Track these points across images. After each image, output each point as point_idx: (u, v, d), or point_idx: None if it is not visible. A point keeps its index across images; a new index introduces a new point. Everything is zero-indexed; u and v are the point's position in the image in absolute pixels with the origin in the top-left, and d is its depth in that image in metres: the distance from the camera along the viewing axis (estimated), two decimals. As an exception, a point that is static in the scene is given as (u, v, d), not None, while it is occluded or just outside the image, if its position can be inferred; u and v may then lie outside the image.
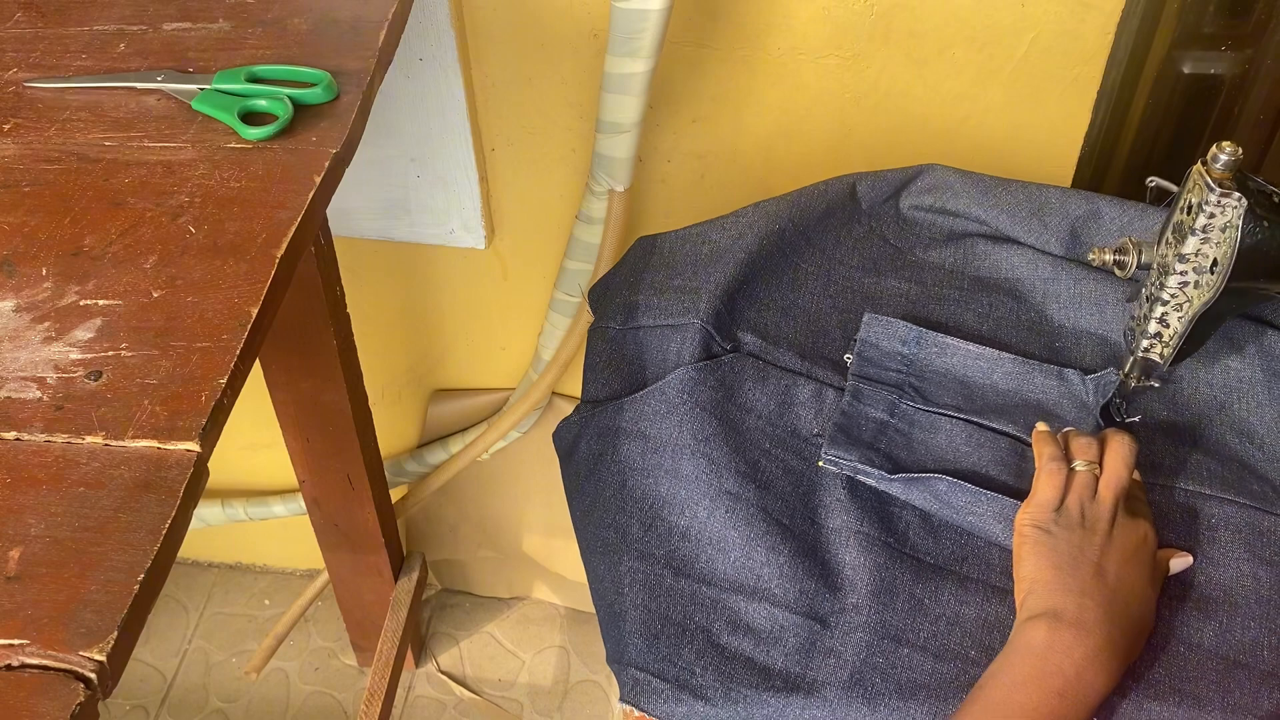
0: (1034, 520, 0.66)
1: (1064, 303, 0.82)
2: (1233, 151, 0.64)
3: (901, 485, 0.72)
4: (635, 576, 0.72)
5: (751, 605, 0.70)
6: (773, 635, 0.69)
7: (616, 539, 0.73)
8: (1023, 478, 0.72)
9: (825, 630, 0.68)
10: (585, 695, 1.50)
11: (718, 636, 0.69)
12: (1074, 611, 0.62)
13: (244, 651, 1.56)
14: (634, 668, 0.68)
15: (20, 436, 0.56)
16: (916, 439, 0.75)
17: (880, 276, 0.85)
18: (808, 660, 0.68)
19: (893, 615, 0.68)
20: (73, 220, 0.66)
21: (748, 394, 0.77)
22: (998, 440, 0.74)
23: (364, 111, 0.73)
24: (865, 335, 0.79)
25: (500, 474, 1.41)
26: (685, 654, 0.68)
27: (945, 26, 0.92)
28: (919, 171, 0.89)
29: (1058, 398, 0.76)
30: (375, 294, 1.24)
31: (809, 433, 0.77)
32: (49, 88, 0.76)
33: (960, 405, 0.76)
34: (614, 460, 0.77)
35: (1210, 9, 0.87)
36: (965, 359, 0.78)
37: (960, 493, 0.71)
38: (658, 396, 0.76)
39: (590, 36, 0.97)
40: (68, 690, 0.46)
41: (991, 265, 0.84)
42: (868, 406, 0.76)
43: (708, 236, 0.86)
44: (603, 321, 0.85)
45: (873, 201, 0.89)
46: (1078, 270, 0.82)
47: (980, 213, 0.86)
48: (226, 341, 0.59)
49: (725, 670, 0.68)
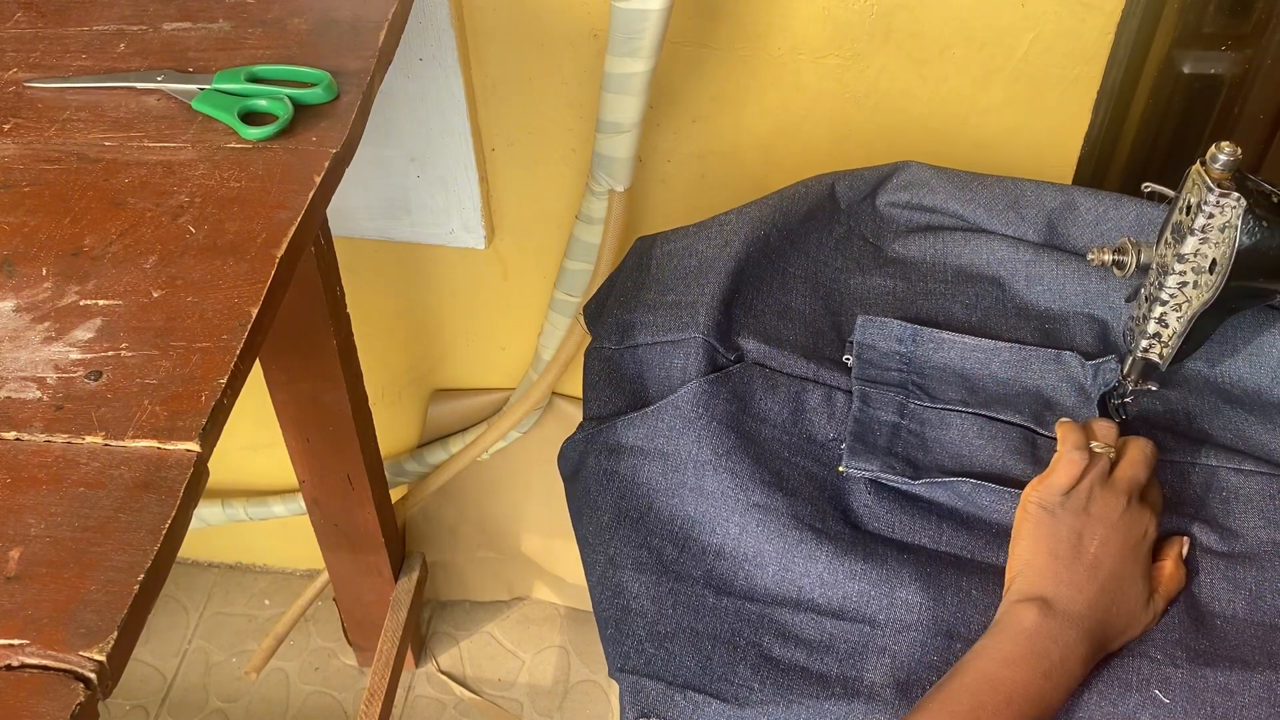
0: (1040, 499, 0.67)
1: (1048, 285, 0.82)
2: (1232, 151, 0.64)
3: (925, 488, 0.73)
4: (678, 599, 0.71)
5: (797, 616, 0.69)
6: (823, 643, 0.68)
7: (651, 561, 0.73)
8: (1039, 466, 0.72)
9: (876, 630, 0.68)
10: (585, 695, 1.50)
11: (769, 650, 0.68)
12: (1063, 604, 0.63)
13: (244, 651, 1.56)
14: (691, 690, 0.67)
15: (20, 436, 0.56)
16: (930, 438, 0.75)
17: (865, 276, 0.85)
18: (862, 662, 0.67)
19: (944, 610, 0.68)
20: (73, 220, 0.66)
21: (760, 404, 0.77)
22: (1009, 431, 0.75)
23: (364, 111, 0.73)
24: (861, 337, 0.79)
25: (500, 474, 1.41)
26: (741, 671, 0.68)
27: (945, 26, 0.92)
28: (895, 169, 0.89)
29: (1056, 382, 0.77)
30: (375, 294, 1.24)
31: (824, 438, 0.77)
32: (49, 88, 0.76)
33: (965, 399, 0.77)
34: (634, 481, 0.76)
35: (1210, 9, 0.87)
36: (962, 352, 0.79)
37: (985, 493, 0.71)
38: (671, 412, 0.76)
39: (590, 36, 0.97)
40: (68, 690, 0.46)
41: (972, 255, 0.85)
42: (877, 410, 0.76)
43: (694, 248, 0.85)
44: (599, 342, 0.85)
45: (851, 201, 0.89)
46: (1058, 254, 0.83)
47: (957, 207, 0.86)
48: (226, 341, 0.59)
49: (783, 683, 0.67)
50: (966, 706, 0.60)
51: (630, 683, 0.69)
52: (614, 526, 0.75)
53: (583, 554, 0.77)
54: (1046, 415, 0.75)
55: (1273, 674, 0.64)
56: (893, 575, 0.69)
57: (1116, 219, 0.83)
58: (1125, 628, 0.65)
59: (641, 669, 0.69)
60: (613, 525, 0.75)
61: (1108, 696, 0.64)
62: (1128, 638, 0.66)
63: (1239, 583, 0.68)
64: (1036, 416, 0.75)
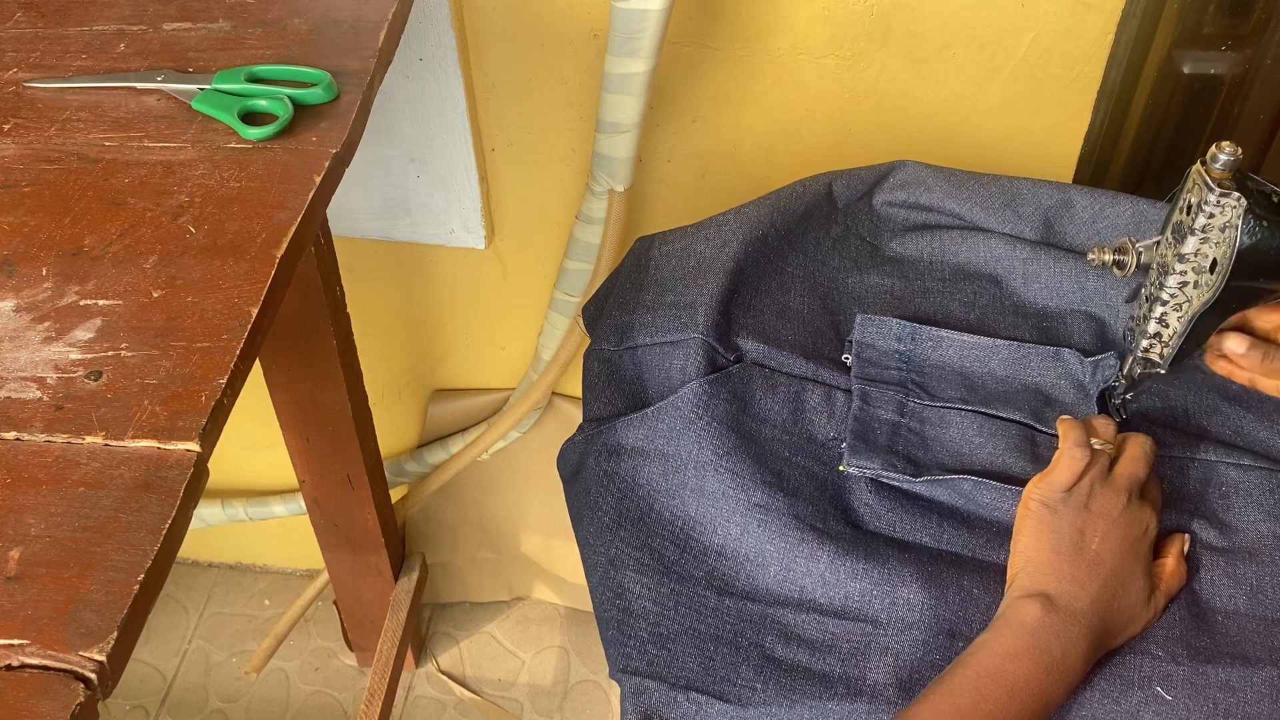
0: (1042, 496, 0.67)
1: (1045, 283, 0.82)
2: (1232, 151, 0.64)
3: (926, 486, 0.73)
4: (680, 600, 0.71)
5: (800, 616, 0.69)
6: (825, 643, 0.68)
7: (653, 562, 0.73)
8: (1039, 463, 0.72)
9: (878, 630, 0.68)
10: (585, 695, 1.50)
11: (772, 650, 0.69)
12: (1066, 600, 0.64)
13: (244, 651, 1.56)
14: (694, 690, 0.68)
15: (20, 436, 0.56)
16: (930, 436, 0.75)
17: (863, 274, 0.85)
18: (865, 662, 0.67)
19: (945, 609, 0.68)
20: (73, 220, 0.66)
21: (760, 404, 0.77)
22: (1008, 428, 0.75)
23: (364, 111, 0.73)
24: (860, 336, 0.79)
25: (500, 474, 1.41)
26: (743, 672, 0.68)
27: (945, 26, 0.92)
28: (891, 168, 0.89)
29: (1055, 379, 0.77)
30: (375, 294, 1.24)
31: (825, 437, 0.77)
32: (49, 88, 0.76)
33: (965, 397, 0.77)
34: (635, 482, 0.76)
35: (1210, 9, 0.87)
36: (961, 350, 0.79)
37: (986, 490, 0.72)
38: (671, 413, 0.76)
39: (590, 36, 0.97)
40: (68, 690, 0.46)
41: (969, 253, 0.85)
42: (877, 409, 0.76)
43: (692, 249, 0.86)
44: (598, 343, 0.85)
45: (848, 200, 0.89)
46: (1055, 251, 0.83)
47: (953, 205, 0.86)
48: (226, 341, 0.59)
49: (785, 683, 0.67)
50: (969, 700, 0.61)
51: (633, 684, 0.69)
52: (615, 527, 0.75)
53: (583, 555, 0.77)
54: (1046, 412, 0.75)
55: (1274, 669, 0.64)
56: (894, 575, 0.69)
57: (1113, 216, 0.83)
58: (1126, 624, 0.65)
59: (644, 670, 0.69)
60: (614, 526, 0.75)
61: (1109, 694, 0.64)
62: (1129, 634, 0.66)
63: (1239, 578, 0.68)
64: (1036, 413, 0.75)
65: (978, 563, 0.71)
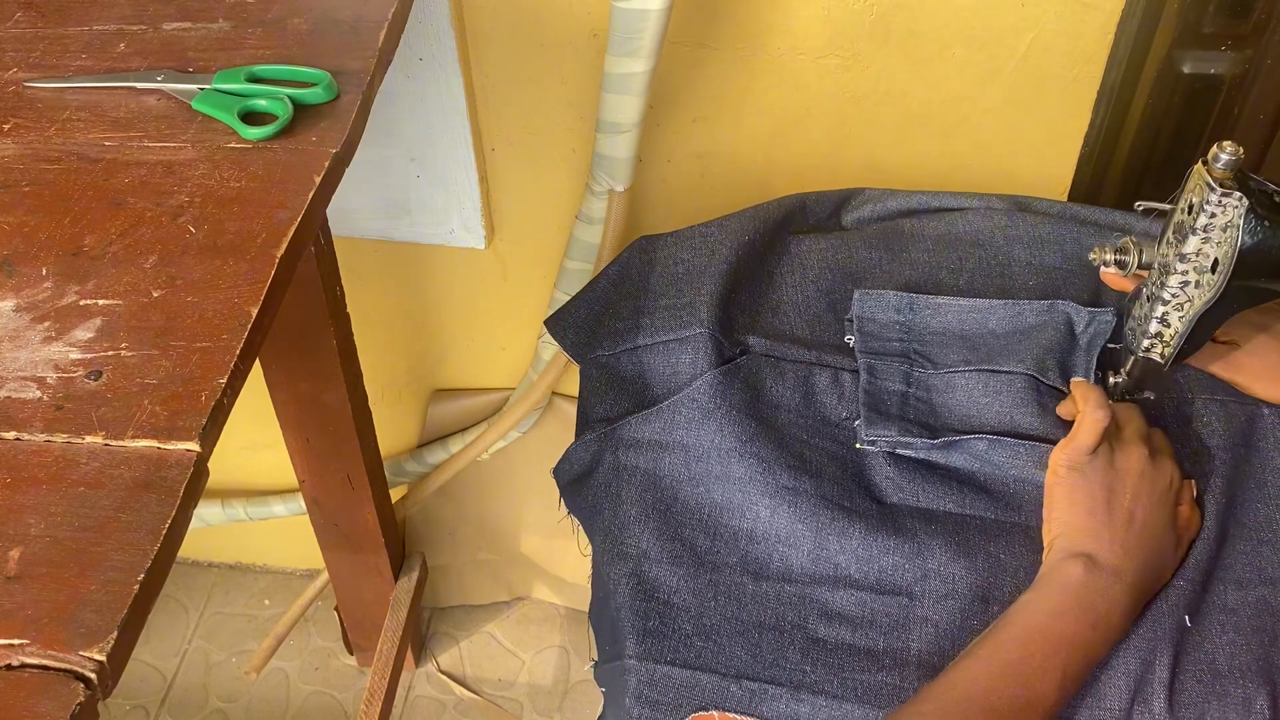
0: (1070, 461, 0.69)
1: (1027, 244, 0.85)
2: (1233, 151, 0.64)
3: (943, 451, 0.74)
4: (719, 590, 0.72)
5: (837, 594, 0.71)
6: (866, 619, 0.70)
7: (686, 553, 0.73)
8: (1046, 413, 0.74)
9: (914, 602, 0.70)
10: (585, 695, 1.50)
11: (815, 631, 0.70)
12: (1106, 558, 0.65)
13: (244, 651, 1.56)
14: (745, 679, 0.69)
15: (20, 436, 0.56)
16: (938, 403, 0.77)
17: (851, 251, 0.88)
18: (906, 634, 0.69)
19: (976, 576, 0.70)
20: (73, 220, 0.66)
21: (772, 391, 0.79)
22: (1013, 381, 0.76)
23: (364, 111, 0.73)
24: (860, 311, 0.81)
25: (500, 474, 1.41)
26: (790, 655, 0.69)
27: (945, 26, 0.92)
28: (852, 192, 0.93)
29: (1052, 330, 0.79)
30: (375, 294, 1.24)
31: (838, 418, 0.78)
32: (49, 88, 0.76)
33: (967, 358, 0.78)
34: (657, 474, 0.77)
35: (1210, 9, 0.87)
36: (959, 314, 0.81)
37: (1000, 449, 0.73)
38: (688, 404, 0.77)
39: (590, 36, 0.97)
40: (68, 690, 0.46)
41: (947, 226, 0.88)
42: (885, 381, 0.78)
43: (678, 258, 0.87)
44: (591, 352, 0.86)
45: (819, 217, 0.93)
46: (1030, 215, 0.86)
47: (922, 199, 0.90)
48: (226, 341, 0.59)
49: (833, 662, 0.69)
50: (1016, 654, 0.62)
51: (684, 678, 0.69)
52: (642, 519, 0.75)
53: (604, 549, 0.77)
54: (1048, 360, 0.77)
55: (1265, 589, 0.68)
56: (923, 547, 0.71)
57: None
58: (1160, 575, 0.67)
59: (693, 663, 0.70)
60: (640, 518, 0.75)
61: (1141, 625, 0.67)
62: (1161, 584, 0.68)
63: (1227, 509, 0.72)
64: (1039, 363, 0.76)
65: (1000, 525, 0.72)
